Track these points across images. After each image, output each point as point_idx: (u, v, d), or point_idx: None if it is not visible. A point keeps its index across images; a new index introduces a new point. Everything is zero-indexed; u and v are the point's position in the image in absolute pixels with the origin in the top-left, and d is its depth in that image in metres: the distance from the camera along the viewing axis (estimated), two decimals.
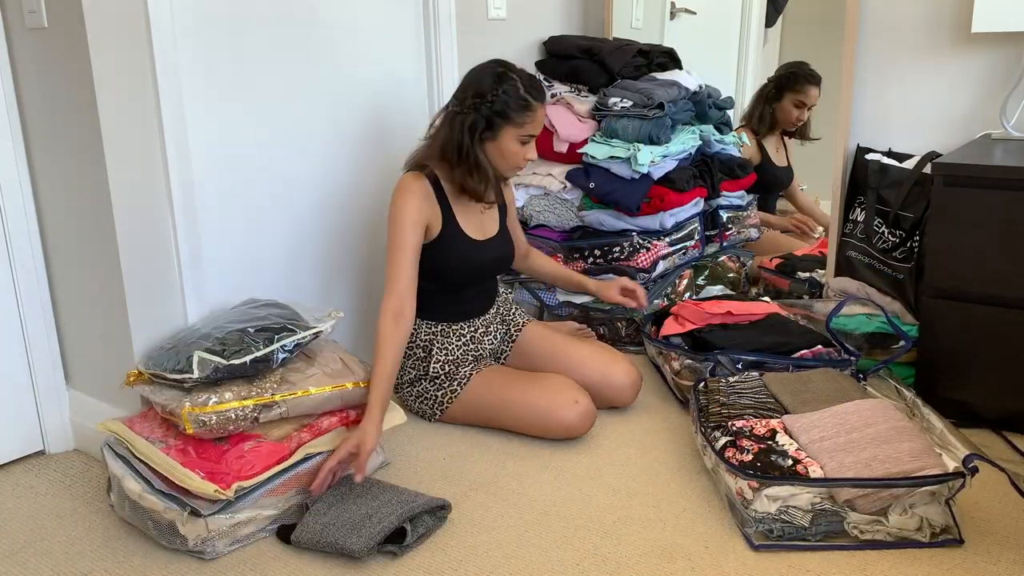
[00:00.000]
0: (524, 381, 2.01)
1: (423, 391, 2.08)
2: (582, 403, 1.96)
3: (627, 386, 2.11)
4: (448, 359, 2.06)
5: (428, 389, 2.07)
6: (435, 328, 2.07)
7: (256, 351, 1.68)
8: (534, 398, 1.97)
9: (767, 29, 3.12)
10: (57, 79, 1.79)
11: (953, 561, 1.53)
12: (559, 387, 1.98)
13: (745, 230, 2.83)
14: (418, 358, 2.08)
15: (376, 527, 1.55)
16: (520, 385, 2.00)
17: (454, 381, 2.05)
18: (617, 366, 2.11)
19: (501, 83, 1.91)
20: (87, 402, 2.02)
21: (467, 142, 1.92)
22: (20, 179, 1.90)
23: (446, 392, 2.04)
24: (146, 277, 1.84)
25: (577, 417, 1.95)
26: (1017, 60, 2.22)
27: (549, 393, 1.97)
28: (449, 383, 2.05)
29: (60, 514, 1.77)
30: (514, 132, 1.94)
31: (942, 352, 2.01)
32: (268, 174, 2.06)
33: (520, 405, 1.98)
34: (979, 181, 1.90)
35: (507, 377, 2.04)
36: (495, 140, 1.95)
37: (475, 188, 1.96)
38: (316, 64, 2.13)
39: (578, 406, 1.95)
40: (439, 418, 2.08)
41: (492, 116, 1.92)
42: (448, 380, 2.05)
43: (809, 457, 1.60)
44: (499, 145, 1.95)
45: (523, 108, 1.92)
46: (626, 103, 2.51)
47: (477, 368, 2.07)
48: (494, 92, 1.90)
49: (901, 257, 2.21)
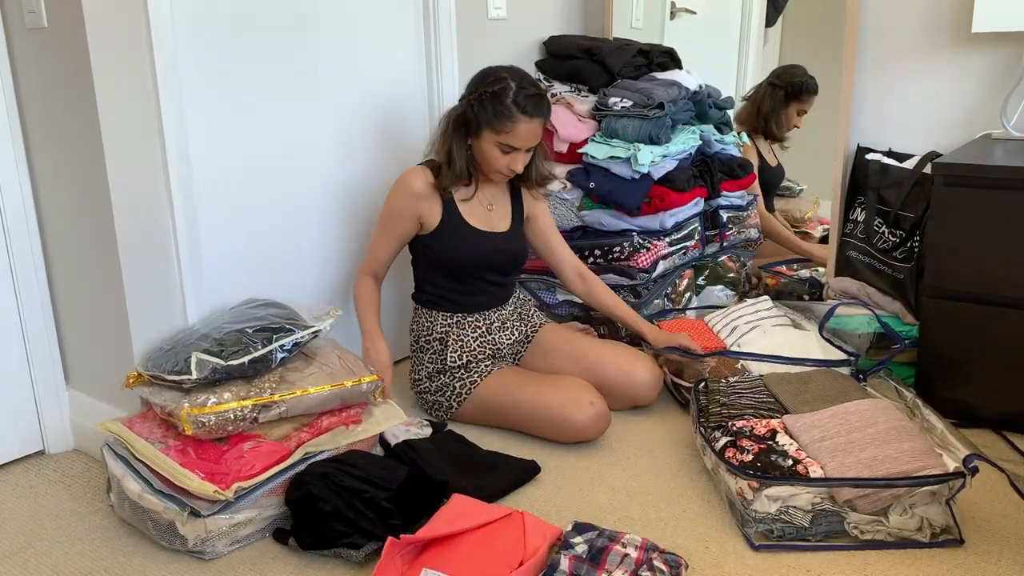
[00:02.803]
0: (539, 382, 2.01)
1: (442, 385, 2.08)
2: (597, 405, 1.95)
3: (650, 383, 2.11)
4: (465, 350, 2.07)
5: (447, 382, 2.08)
6: (450, 320, 2.09)
7: (254, 351, 1.68)
8: (548, 399, 1.96)
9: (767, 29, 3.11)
10: (57, 79, 1.79)
11: (953, 561, 1.53)
12: (574, 389, 1.97)
13: (745, 230, 2.83)
14: (435, 351, 2.09)
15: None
16: (534, 386, 2.00)
17: (473, 372, 2.06)
18: (639, 364, 2.11)
19: (492, 86, 1.93)
20: (87, 402, 2.02)
21: (449, 131, 1.99)
22: (20, 179, 1.90)
23: (464, 383, 2.05)
24: (146, 277, 1.84)
25: (591, 420, 1.94)
26: (1017, 60, 2.21)
27: (564, 395, 1.96)
28: (468, 374, 2.06)
29: (60, 514, 1.77)
30: (492, 138, 1.95)
31: (942, 352, 2.01)
32: (268, 174, 2.06)
33: (534, 406, 1.97)
34: (979, 181, 1.90)
35: (522, 377, 2.04)
36: (477, 140, 1.98)
37: (445, 176, 2.00)
38: (316, 63, 2.13)
39: (592, 408, 1.94)
40: (456, 411, 2.08)
41: (474, 116, 1.96)
42: (466, 371, 2.06)
43: (809, 457, 1.60)
44: (479, 146, 1.99)
45: (503, 117, 1.92)
46: (626, 103, 2.50)
47: (496, 366, 2.08)
48: (483, 93, 1.93)
49: (901, 257, 2.21)
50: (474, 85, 1.98)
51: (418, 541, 1.45)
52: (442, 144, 2.01)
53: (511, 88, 1.92)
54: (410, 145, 2.44)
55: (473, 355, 2.08)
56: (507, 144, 1.95)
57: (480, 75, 1.99)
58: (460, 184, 2.04)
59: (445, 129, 2.01)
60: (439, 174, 2.02)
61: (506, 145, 1.96)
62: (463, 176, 2.01)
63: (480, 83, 1.96)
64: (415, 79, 2.43)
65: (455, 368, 2.07)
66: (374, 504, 1.57)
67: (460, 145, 1.99)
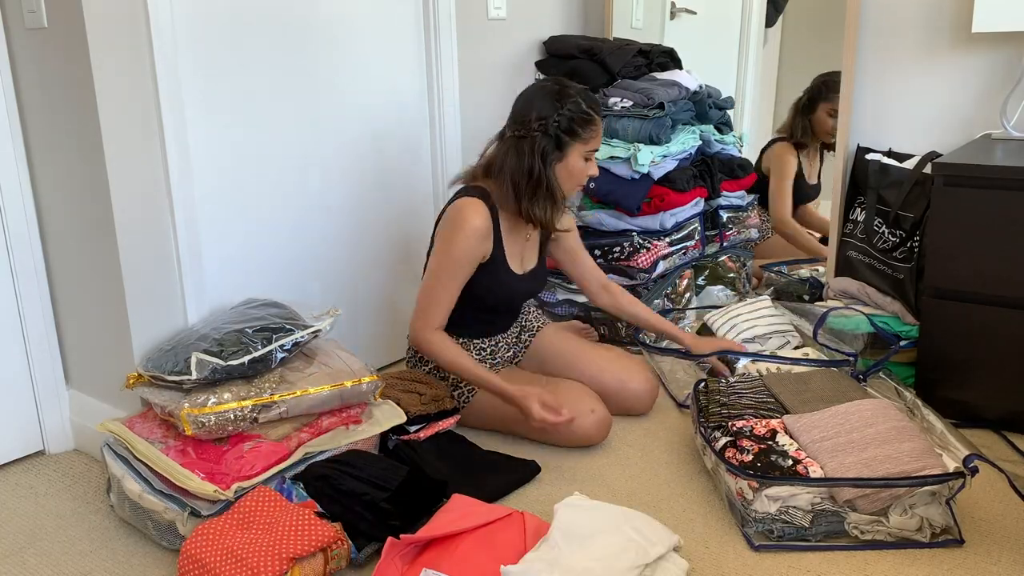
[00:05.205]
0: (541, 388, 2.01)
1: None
2: (598, 412, 1.95)
3: (645, 394, 2.11)
4: None
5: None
6: (457, 342, 2.05)
7: (254, 351, 1.68)
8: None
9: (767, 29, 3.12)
10: (57, 79, 1.79)
11: (953, 561, 1.53)
12: (576, 395, 1.97)
13: (745, 230, 2.83)
14: (436, 366, 2.07)
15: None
16: None
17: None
18: (636, 374, 2.10)
19: (564, 101, 1.87)
20: (87, 402, 2.02)
21: (539, 166, 1.87)
22: (20, 179, 1.90)
23: (463, 392, 2.04)
24: (146, 277, 1.84)
25: (594, 426, 1.94)
26: (1017, 60, 2.21)
27: (565, 402, 1.94)
28: (468, 384, 2.04)
29: (60, 514, 1.77)
30: (580, 148, 1.91)
31: (942, 352, 2.01)
32: (268, 173, 2.06)
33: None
34: (979, 181, 1.90)
35: (523, 383, 2.03)
36: (563, 160, 1.90)
37: (542, 216, 1.92)
38: (316, 63, 2.13)
39: (594, 415, 1.94)
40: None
41: (560, 135, 1.88)
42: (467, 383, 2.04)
43: (809, 457, 1.60)
44: (567, 164, 1.91)
45: (588, 123, 1.89)
46: (626, 103, 2.51)
47: (495, 369, 2.07)
48: (559, 111, 1.86)
49: (901, 257, 2.21)
50: (539, 108, 1.87)
51: (418, 541, 1.45)
52: (529, 181, 1.88)
53: (578, 95, 1.89)
54: (410, 144, 2.45)
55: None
56: (592, 149, 1.92)
57: (532, 99, 1.90)
58: (509, 211, 1.96)
59: (531, 166, 1.87)
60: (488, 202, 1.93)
61: (590, 151, 1.93)
62: (560, 205, 1.94)
63: (546, 105, 1.87)
64: (415, 79, 2.43)
65: (455, 380, 2.05)
66: (373, 506, 1.57)
67: (552, 173, 1.89)
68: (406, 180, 2.46)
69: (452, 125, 2.52)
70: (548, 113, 1.86)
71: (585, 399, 1.96)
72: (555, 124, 1.86)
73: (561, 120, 1.86)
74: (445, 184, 2.54)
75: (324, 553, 1.46)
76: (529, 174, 1.88)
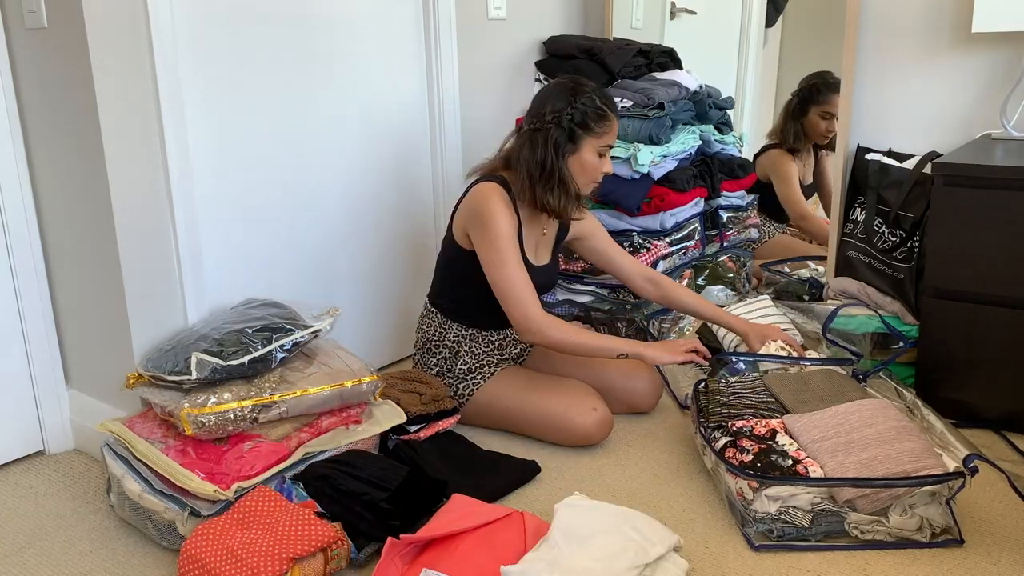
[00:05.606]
0: (541, 386, 2.01)
1: (447, 384, 2.08)
2: (599, 411, 1.95)
3: (650, 392, 2.12)
4: (474, 361, 2.07)
5: (451, 383, 2.08)
6: (465, 332, 2.07)
7: (254, 351, 1.68)
8: (551, 404, 1.96)
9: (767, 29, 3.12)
10: (57, 79, 1.79)
11: (953, 561, 1.53)
12: (577, 394, 1.98)
13: (745, 230, 2.83)
14: (444, 357, 2.08)
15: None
16: (537, 390, 2.00)
17: (477, 375, 2.06)
18: (640, 372, 2.11)
19: (578, 95, 1.90)
20: (87, 402, 2.02)
21: (551, 158, 1.90)
22: (20, 179, 1.90)
23: (468, 384, 2.05)
24: (146, 277, 1.84)
25: (594, 425, 1.94)
26: (1017, 60, 2.21)
27: (566, 400, 1.96)
28: (472, 376, 2.06)
29: (60, 514, 1.77)
30: (594, 143, 1.93)
31: (942, 352, 2.01)
32: (268, 173, 2.06)
33: (537, 410, 1.97)
34: (979, 181, 1.90)
35: (525, 380, 2.04)
36: (576, 153, 1.93)
37: (556, 205, 1.94)
38: (316, 63, 2.13)
39: (595, 413, 1.95)
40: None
41: (573, 128, 1.90)
42: (470, 374, 2.06)
43: (809, 457, 1.60)
44: (580, 158, 1.93)
45: (601, 118, 1.91)
46: (626, 103, 2.50)
47: (499, 367, 2.08)
48: (573, 104, 1.90)
49: (901, 257, 2.21)
50: (554, 102, 1.91)
51: (418, 541, 1.45)
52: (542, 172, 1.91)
53: (592, 91, 1.92)
54: (410, 144, 2.45)
55: (480, 363, 2.08)
56: (605, 145, 1.95)
57: (549, 94, 1.93)
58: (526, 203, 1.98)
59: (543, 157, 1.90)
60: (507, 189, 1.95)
61: (604, 147, 1.95)
62: (574, 196, 1.95)
63: (560, 99, 1.91)
64: (415, 79, 2.43)
65: (462, 373, 2.07)
66: (373, 506, 1.57)
67: (564, 165, 1.92)
68: (406, 180, 2.46)
69: (452, 125, 2.52)
70: (562, 106, 1.90)
71: (587, 398, 1.96)
72: (568, 117, 1.90)
73: (575, 113, 1.90)
74: (445, 184, 2.54)
75: (324, 553, 1.46)
76: (542, 165, 1.91)
